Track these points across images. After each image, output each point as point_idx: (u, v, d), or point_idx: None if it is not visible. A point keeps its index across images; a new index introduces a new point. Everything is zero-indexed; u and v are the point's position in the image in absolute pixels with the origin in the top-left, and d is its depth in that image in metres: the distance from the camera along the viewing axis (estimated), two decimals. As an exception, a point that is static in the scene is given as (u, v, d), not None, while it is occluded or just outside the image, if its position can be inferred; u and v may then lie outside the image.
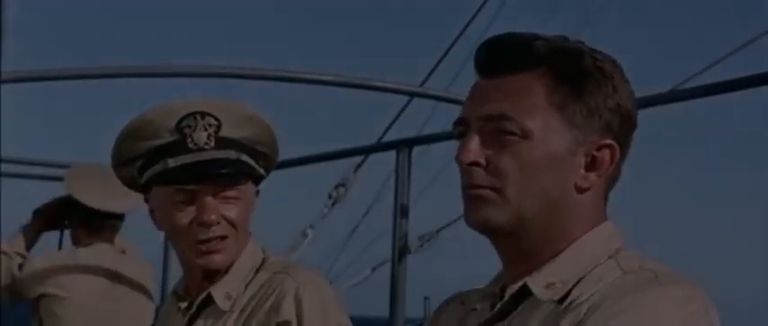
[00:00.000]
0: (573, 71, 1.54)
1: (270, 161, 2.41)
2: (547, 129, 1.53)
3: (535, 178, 1.52)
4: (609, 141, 1.55)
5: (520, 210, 1.52)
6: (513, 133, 1.52)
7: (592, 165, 1.55)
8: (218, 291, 2.31)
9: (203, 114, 2.29)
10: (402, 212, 4.30)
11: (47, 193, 4.58)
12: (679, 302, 1.44)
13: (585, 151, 1.54)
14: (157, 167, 2.30)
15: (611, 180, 1.58)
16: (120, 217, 4.30)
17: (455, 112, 1.61)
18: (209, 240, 2.29)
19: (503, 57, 1.56)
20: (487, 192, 1.53)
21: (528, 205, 1.52)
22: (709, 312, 1.46)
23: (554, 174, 1.53)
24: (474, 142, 1.54)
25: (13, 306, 4.30)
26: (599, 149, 1.55)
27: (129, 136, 2.32)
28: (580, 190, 1.54)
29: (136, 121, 2.31)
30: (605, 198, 1.59)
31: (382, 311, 4.33)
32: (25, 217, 4.42)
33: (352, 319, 2.37)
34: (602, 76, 1.55)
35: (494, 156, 1.53)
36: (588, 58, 1.55)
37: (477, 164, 1.53)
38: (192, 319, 2.35)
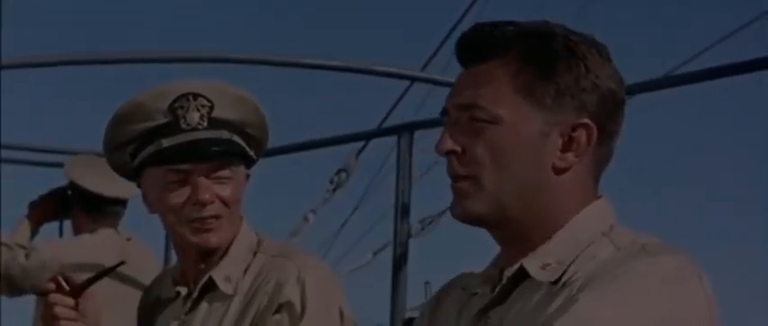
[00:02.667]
0: (540, 54, 1.56)
1: (260, 145, 2.41)
2: (516, 113, 1.55)
3: (509, 163, 1.54)
4: (584, 121, 1.55)
5: (497, 196, 1.55)
6: (484, 120, 1.55)
7: (568, 145, 1.56)
8: (218, 274, 2.31)
9: (195, 95, 2.29)
10: (403, 195, 4.30)
11: (45, 179, 4.57)
12: (673, 268, 1.46)
13: (560, 132, 1.55)
14: (151, 148, 2.30)
15: (599, 160, 1.59)
16: (122, 203, 4.28)
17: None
18: (203, 219, 2.29)
19: (475, 46, 1.59)
20: (465, 184, 1.56)
21: (505, 190, 1.55)
22: (702, 280, 1.48)
23: (528, 157, 1.55)
24: (450, 132, 1.57)
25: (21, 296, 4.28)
26: (574, 128, 1.55)
27: (120, 120, 2.32)
28: (558, 171, 1.56)
29: (127, 105, 2.31)
30: (596, 178, 1.60)
31: (384, 294, 4.34)
32: (24, 204, 4.40)
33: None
34: (573, 56, 1.55)
35: (469, 144, 1.56)
36: (560, 39, 1.56)
37: (453, 152, 1.57)
38: (195, 304, 2.34)
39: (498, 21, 1.60)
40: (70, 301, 2.27)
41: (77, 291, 2.28)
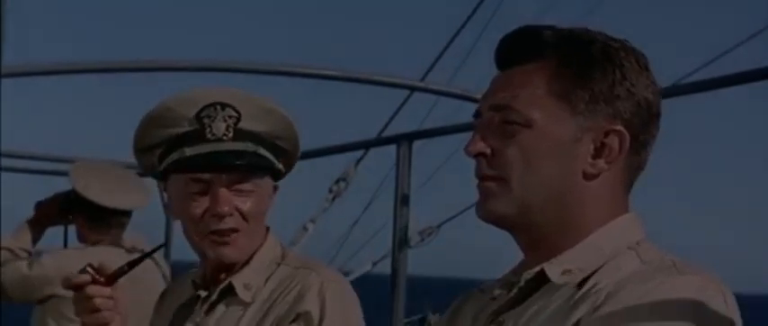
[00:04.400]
0: (577, 59, 1.55)
1: (291, 157, 2.41)
2: (549, 117, 1.54)
3: (538, 166, 1.54)
4: (617, 128, 1.54)
5: (524, 199, 1.54)
6: (516, 123, 1.54)
7: (600, 151, 1.55)
8: (238, 281, 2.32)
9: (223, 105, 2.29)
10: (402, 205, 4.30)
11: (49, 188, 4.54)
12: (697, 288, 1.45)
13: (592, 138, 1.55)
14: (174, 155, 2.30)
15: (632, 168, 1.58)
16: (126, 213, 4.23)
17: (455, 106, 1.63)
18: (220, 232, 2.29)
19: (512, 49, 1.59)
20: (492, 184, 1.55)
21: (532, 194, 1.54)
22: (728, 300, 1.47)
23: (558, 161, 1.54)
24: (481, 133, 1.57)
25: (21, 305, 4.24)
26: (607, 135, 1.55)
27: (149, 123, 2.33)
28: (588, 177, 1.55)
29: (157, 108, 2.32)
30: (627, 187, 1.59)
31: (382, 304, 4.34)
32: (27, 212, 4.37)
33: None
34: (609, 62, 1.55)
35: (499, 146, 1.56)
36: (598, 45, 1.56)
37: (483, 154, 1.56)
38: (212, 306, 2.35)
39: (537, 24, 1.60)
40: (107, 290, 2.27)
41: (111, 280, 2.27)
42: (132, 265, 2.33)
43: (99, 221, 4.17)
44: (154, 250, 2.41)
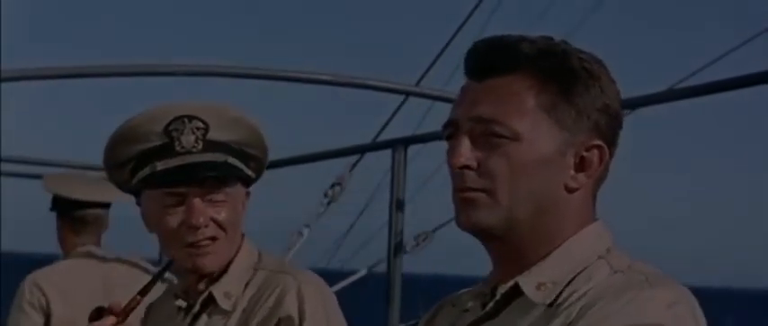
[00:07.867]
0: (561, 72, 1.55)
1: (260, 163, 2.43)
2: (536, 131, 1.54)
3: (525, 180, 1.54)
4: (598, 142, 1.56)
5: (511, 211, 1.54)
6: (502, 136, 1.54)
7: (581, 165, 1.56)
8: (218, 290, 2.33)
9: (191, 118, 2.30)
10: (398, 210, 4.31)
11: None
12: (668, 303, 1.45)
13: (575, 152, 1.55)
14: (145, 171, 2.31)
15: (599, 180, 1.59)
16: (103, 207, 4.21)
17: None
18: (198, 243, 2.30)
19: (491, 59, 1.57)
20: (479, 194, 1.55)
21: (519, 206, 1.54)
22: (696, 314, 1.48)
23: (544, 175, 1.54)
24: (464, 145, 1.56)
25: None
26: (588, 149, 1.56)
27: (118, 140, 2.34)
28: (570, 190, 1.56)
29: (123, 126, 2.33)
30: (594, 197, 1.60)
31: (377, 309, 4.35)
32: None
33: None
34: (590, 76, 1.56)
35: (484, 158, 1.55)
36: (575, 59, 1.56)
37: (468, 167, 1.55)
38: (195, 318, 2.36)
39: (510, 35, 1.59)
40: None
41: (127, 314, 2.30)
42: (143, 293, 2.34)
43: (77, 221, 4.15)
44: (163, 270, 2.41)
